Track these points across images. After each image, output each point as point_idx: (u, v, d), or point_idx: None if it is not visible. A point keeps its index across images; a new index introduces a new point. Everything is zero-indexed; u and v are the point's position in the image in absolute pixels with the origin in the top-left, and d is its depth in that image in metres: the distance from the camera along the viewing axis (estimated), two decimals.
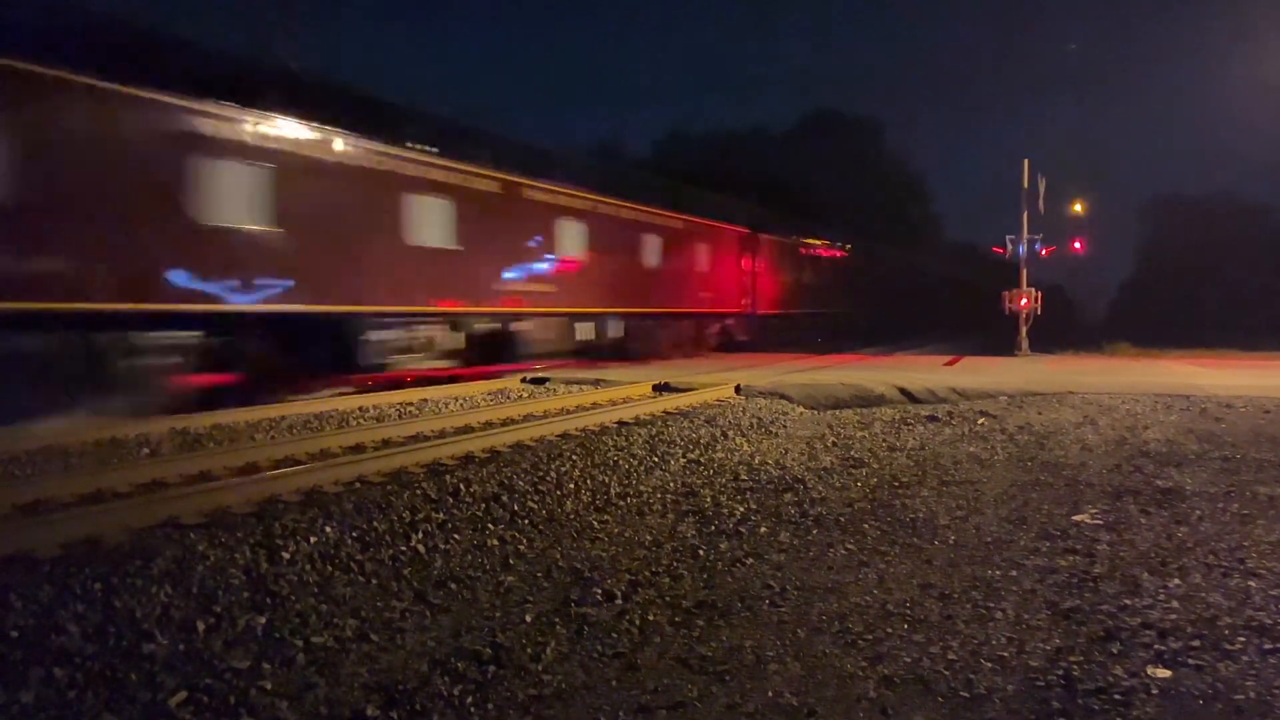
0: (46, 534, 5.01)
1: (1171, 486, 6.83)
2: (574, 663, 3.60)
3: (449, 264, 15.26)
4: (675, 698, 3.27)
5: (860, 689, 3.33)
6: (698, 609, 4.19)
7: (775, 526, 5.69)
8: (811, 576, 4.68)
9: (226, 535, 5.15)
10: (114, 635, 3.71)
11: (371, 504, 5.95)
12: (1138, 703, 3.19)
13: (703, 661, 3.59)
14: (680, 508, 6.20)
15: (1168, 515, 5.94)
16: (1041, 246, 25.61)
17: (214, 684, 3.32)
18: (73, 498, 6.26)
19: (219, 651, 3.62)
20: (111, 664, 3.46)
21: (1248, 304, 49.40)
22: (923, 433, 9.64)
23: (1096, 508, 6.18)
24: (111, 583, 4.27)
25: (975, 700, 3.23)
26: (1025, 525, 5.72)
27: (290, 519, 5.56)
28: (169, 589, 4.22)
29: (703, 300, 24.29)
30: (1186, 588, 4.44)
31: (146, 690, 3.26)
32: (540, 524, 5.70)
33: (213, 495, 6.00)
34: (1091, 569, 4.77)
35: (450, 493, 6.35)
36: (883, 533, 5.54)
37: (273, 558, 4.78)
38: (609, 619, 4.06)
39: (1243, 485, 6.84)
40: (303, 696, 3.27)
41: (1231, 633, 3.83)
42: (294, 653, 3.64)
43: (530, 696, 3.29)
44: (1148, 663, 3.53)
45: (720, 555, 5.06)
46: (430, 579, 4.60)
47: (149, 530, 5.34)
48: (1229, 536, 5.40)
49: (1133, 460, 7.93)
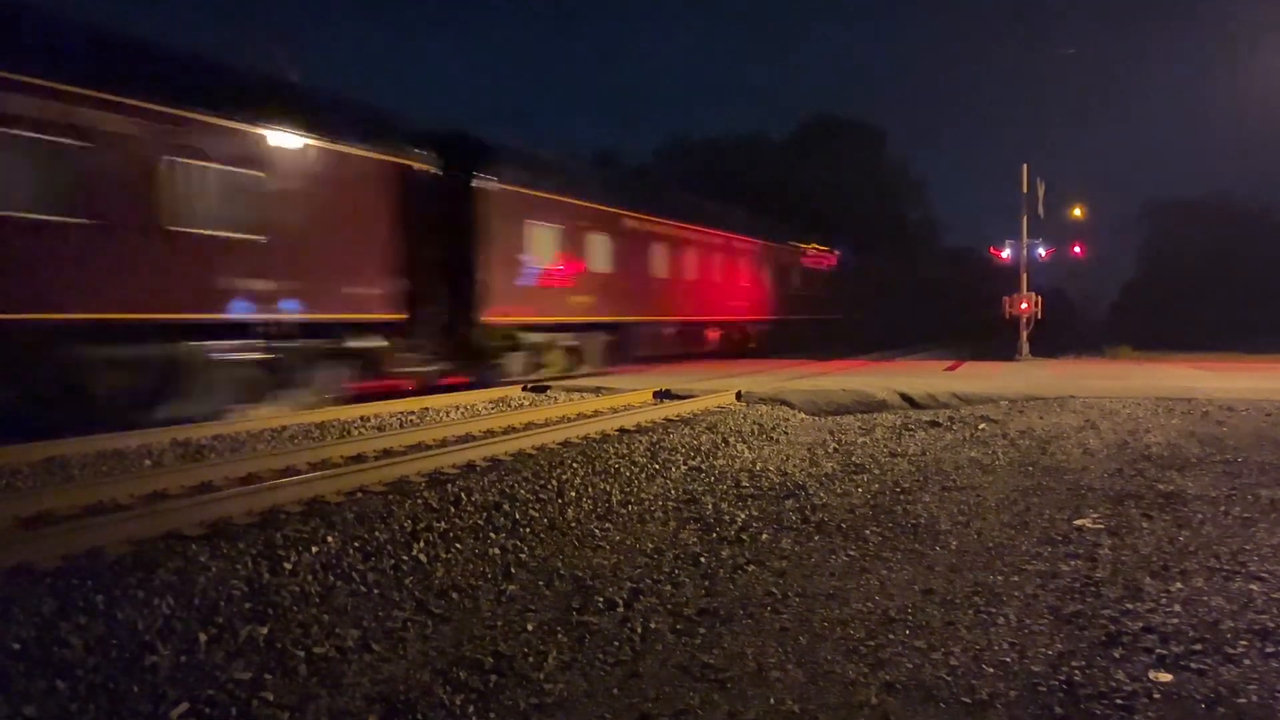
0: (48, 546, 5.01)
1: (1173, 490, 6.82)
2: (576, 671, 3.60)
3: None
4: (677, 705, 3.27)
5: (862, 695, 3.33)
6: (699, 616, 4.19)
7: (777, 533, 5.69)
8: (813, 583, 4.68)
9: (228, 546, 5.16)
10: (116, 647, 3.71)
11: (373, 513, 5.95)
12: (1140, 707, 3.19)
13: (705, 669, 3.59)
14: (682, 515, 6.20)
15: (1170, 519, 5.94)
16: (1042, 250, 25.61)
17: (216, 695, 3.32)
18: (75, 509, 6.27)
19: (221, 663, 3.62)
20: (113, 676, 3.46)
21: (1249, 307, 49.36)
22: (924, 438, 9.63)
23: (1098, 512, 6.18)
24: (113, 595, 4.27)
25: (977, 706, 3.23)
26: (1027, 530, 5.71)
27: (292, 529, 5.56)
28: (171, 600, 4.22)
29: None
30: (1189, 592, 4.44)
31: (148, 702, 3.26)
32: (542, 532, 5.70)
33: (214, 506, 6.00)
34: (1093, 573, 4.77)
35: (452, 501, 6.35)
36: (884, 539, 5.54)
37: (274, 568, 4.78)
38: (611, 627, 4.06)
39: (1245, 489, 6.84)
40: (305, 707, 3.27)
41: (1234, 636, 3.82)
42: (296, 663, 3.64)
43: (532, 705, 3.29)
44: (1150, 667, 3.53)
45: (722, 562, 5.06)
46: (432, 588, 4.60)
47: (151, 542, 5.34)
48: (1231, 540, 5.39)
49: (1134, 464, 7.93)
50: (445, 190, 14.49)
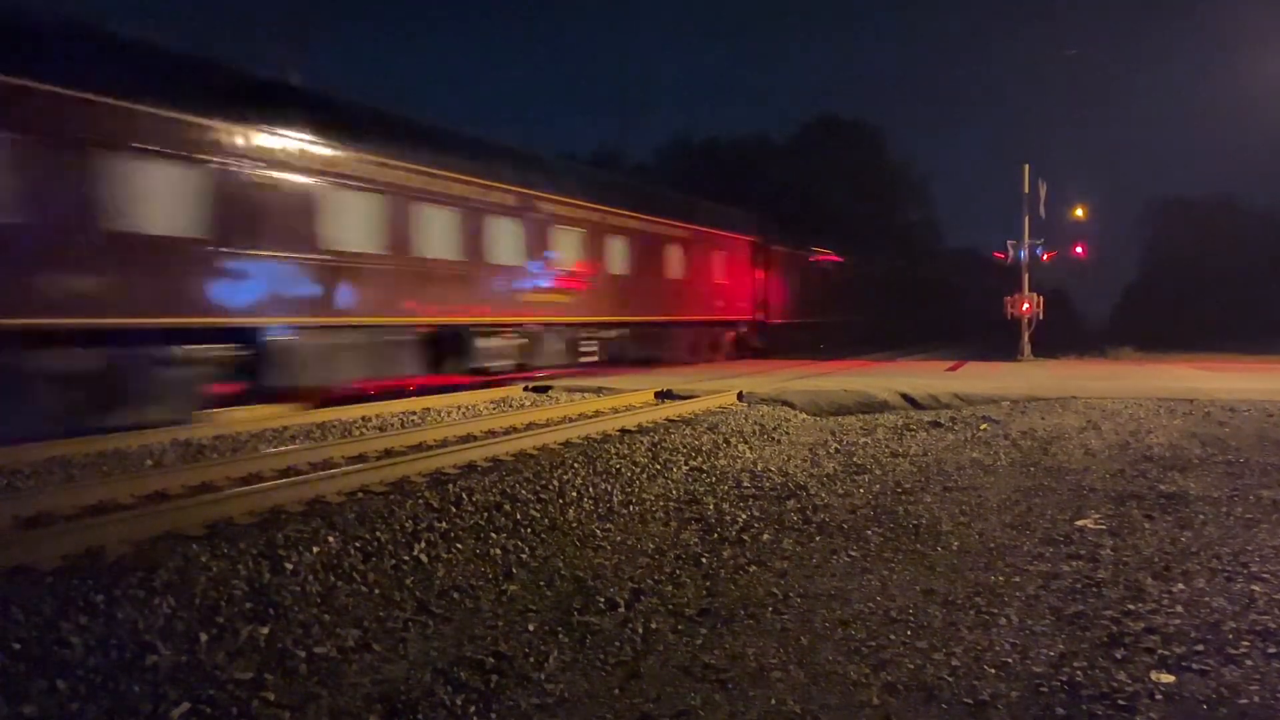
0: (49, 546, 5.01)
1: (1175, 491, 6.81)
2: (577, 671, 3.59)
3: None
4: (678, 706, 3.27)
5: (864, 696, 3.33)
6: (701, 617, 4.19)
7: (778, 534, 5.68)
8: (815, 583, 4.67)
9: (229, 546, 5.15)
10: (116, 647, 3.71)
11: (374, 514, 5.95)
12: (1142, 708, 3.18)
13: (706, 670, 3.58)
14: (683, 515, 6.19)
15: (1172, 520, 5.93)
16: (1043, 251, 25.58)
17: (217, 695, 3.32)
18: (75, 509, 6.27)
19: (222, 663, 3.61)
20: (114, 676, 3.45)
21: (1252, 308, 49.28)
22: (925, 439, 9.63)
23: (1100, 513, 6.17)
24: (114, 594, 4.27)
25: (979, 707, 3.22)
26: (1029, 531, 5.70)
27: (293, 529, 5.56)
28: (171, 600, 4.22)
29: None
30: (1191, 592, 4.43)
31: (149, 702, 3.26)
32: (543, 532, 5.69)
33: (215, 506, 6.01)
34: (1095, 574, 4.76)
35: (453, 502, 6.35)
36: (886, 539, 5.53)
37: (275, 568, 4.78)
38: (612, 627, 4.06)
39: (1247, 489, 6.83)
40: (305, 707, 3.27)
41: (1236, 637, 3.82)
42: (297, 663, 3.63)
43: (533, 705, 3.28)
44: (1152, 668, 3.52)
45: (723, 563, 5.05)
46: (433, 588, 4.60)
47: (151, 541, 5.35)
48: (1233, 541, 5.38)
49: (1136, 465, 7.92)
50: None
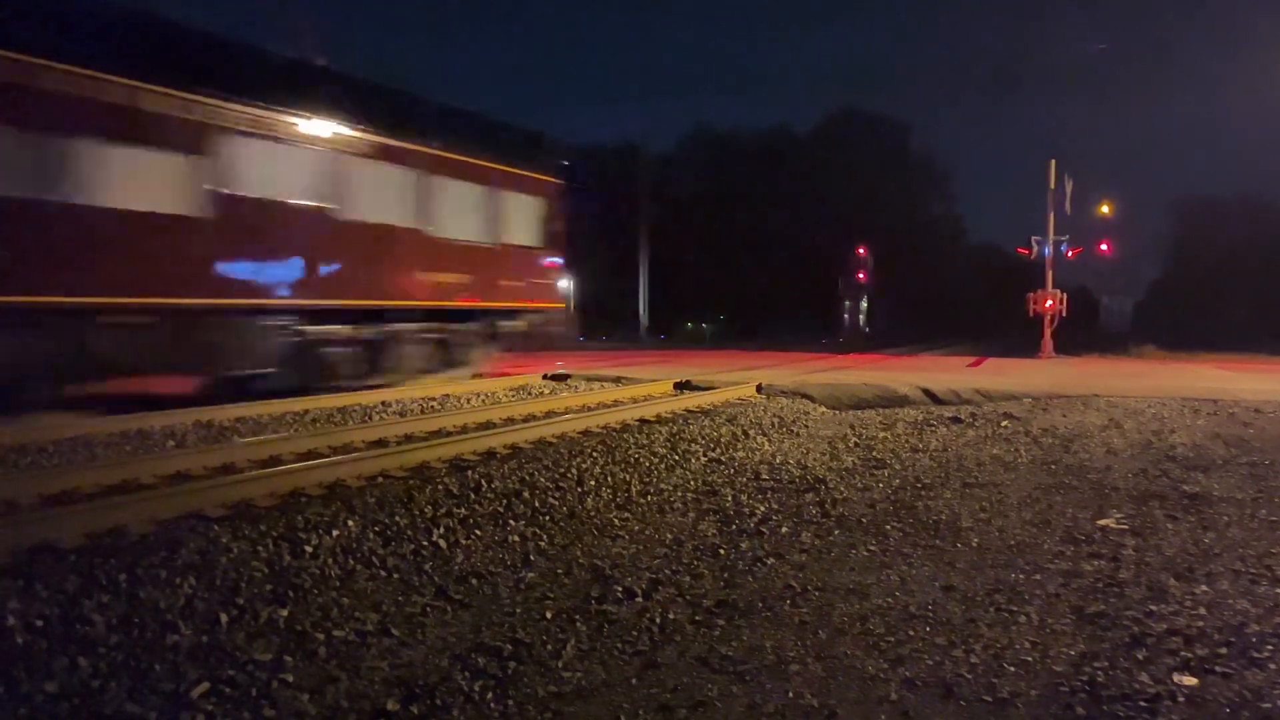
0: (72, 524, 5.06)
1: (1198, 491, 6.74)
2: (594, 660, 3.59)
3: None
4: (695, 697, 3.26)
5: (882, 691, 3.31)
6: (718, 608, 4.18)
7: (797, 526, 5.67)
8: (833, 577, 4.66)
9: (250, 528, 5.18)
10: (138, 626, 3.74)
11: (394, 498, 5.97)
12: (1164, 710, 3.15)
13: (723, 661, 3.58)
14: (701, 506, 6.19)
15: (1194, 521, 5.87)
16: (1068, 248, 25.36)
17: (236, 676, 3.34)
18: (98, 488, 6.33)
19: (241, 644, 3.64)
20: (135, 654, 3.48)
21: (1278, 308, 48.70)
22: (946, 434, 9.57)
23: (1122, 512, 6.12)
24: (136, 574, 4.30)
25: (998, 704, 3.20)
26: (1049, 529, 5.66)
27: (313, 512, 5.59)
28: (193, 581, 4.25)
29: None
30: (1214, 594, 4.38)
31: (170, 681, 3.28)
32: (561, 521, 5.70)
33: (237, 488, 6.05)
34: (1117, 574, 4.72)
35: (472, 488, 6.37)
36: (905, 534, 5.50)
37: (295, 551, 4.80)
38: (629, 617, 4.06)
39: (1271, 491, 6.75)
40: (324, 690, 3.28)
41: (1260, 640, 3.77)
42: (316, 646, 3.66)
43: (550, 693, 3.29)
44: (1174, 670, 3.49)
45: (741, 555, 5.04)
46: (451, 574, 4.61)
47: (173, 522, 5.38)
48: (1257, 543, 5.32)
49: (1159, 464, 7.85)
50: None
